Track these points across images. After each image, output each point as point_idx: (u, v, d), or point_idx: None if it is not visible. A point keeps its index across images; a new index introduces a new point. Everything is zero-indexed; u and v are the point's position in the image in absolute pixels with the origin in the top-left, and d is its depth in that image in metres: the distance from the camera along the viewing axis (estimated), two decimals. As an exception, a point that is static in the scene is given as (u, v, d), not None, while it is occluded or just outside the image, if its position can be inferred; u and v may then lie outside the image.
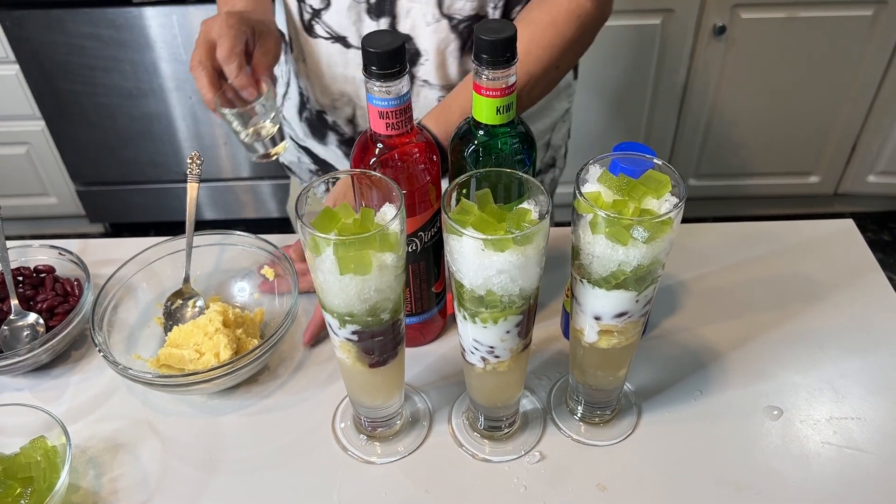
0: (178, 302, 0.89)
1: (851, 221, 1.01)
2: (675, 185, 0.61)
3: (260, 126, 0.87)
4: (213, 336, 0.81)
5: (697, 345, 0.86)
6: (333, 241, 0.57)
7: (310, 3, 0.95)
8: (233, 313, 0.85)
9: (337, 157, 1.09)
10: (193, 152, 0.93)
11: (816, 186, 2.33)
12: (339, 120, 1.04)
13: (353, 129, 1.04)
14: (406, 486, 0.73)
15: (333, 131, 1.06)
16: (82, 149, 2.18)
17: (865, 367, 0.83)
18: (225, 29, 0.83)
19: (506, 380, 0.71)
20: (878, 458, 0.74)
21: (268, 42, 0.89)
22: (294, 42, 1.02)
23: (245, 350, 0.82)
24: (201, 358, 0.80)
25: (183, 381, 0.75)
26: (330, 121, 1.05)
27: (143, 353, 0.84)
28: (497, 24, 0.65)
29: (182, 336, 0.83)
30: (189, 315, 0.88)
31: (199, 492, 0.73)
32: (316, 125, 1.07)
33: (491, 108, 0.67)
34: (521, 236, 0.57)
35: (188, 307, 0.89)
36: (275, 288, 0.90)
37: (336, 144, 1.07)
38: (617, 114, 2.13)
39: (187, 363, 0.81)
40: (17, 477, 0.69)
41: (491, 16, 0.92)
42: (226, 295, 0.92)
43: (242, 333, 0.84)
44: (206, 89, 0.83)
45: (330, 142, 1.08)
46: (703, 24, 1.95)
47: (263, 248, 0.90)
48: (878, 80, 2.07)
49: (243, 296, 0.91)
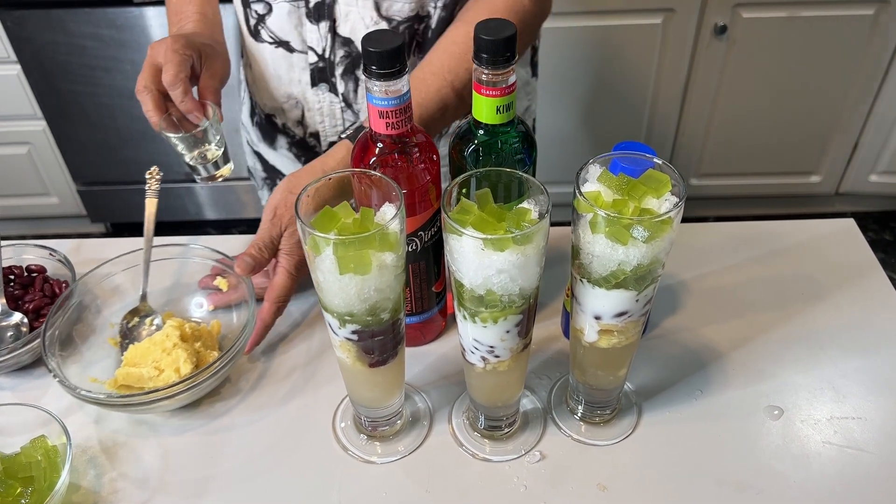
0: (135, 320, 0.87)
1: (853, 221, 1.01)
2: (675, 184, 0.61)
3: (205, 149, 0.88)
4: (171, 351, 0.79)
5: (698, 344, 0.86)
6: (333, 240, 0.57)
7: (255, 8, 0.96)
8: (189, 327, 0.84)
9: (286, 161, 1.10)
10: (153, 167, 0.92)
11: (817, 186, 2.33)
12: (289, 122, 1.05)
13: (303, 129, 1.04)
14: (406, 486, 0.73)
15: (283, 134, 1.07)
16: (83, 149, 2.18)
17: (866, 366, 0.82)
18: (170, 54, 0.84)
19: (506, 379, 0.71)
20: (878, 458, 0.74)
21: (215, 65, 0.90)
22: (244, 48, 1.04)
23: (205, 363, 0.80)
24: (161, 375, 0.79)
25: (145, 399, 0.73)
26: (279, 123, 1.06)
27: (99, 375, 0.81)
28: (496, 23, 0.65)
29: (139, 354, 0.81)
30: (146, 333, 0.86)
31: (199, 491, 0.73)
32: (266, 128, 1.08)
33: (491, 107, 0.67)
34: (521, 236, 0.57)
35: (145, 325, 0.87)
36: (230, 299, 0.88)
37: (286, 147, 1.08)
38: (617, 113, 2.13)
39: (147, 381, 0.79)
40: (18, 476, 0.69)
41: (433, 17, 0.92)
42: (180, 310, 0.90)
43: (201, 346, 0.82)
44: (152, 113, 0.85)
45: (280, 145, 1.08)
46: (704, 24, 1.95)
47: (219, 261, 0.88)
48: (880, 80, 2.06)
49: (200, 311, 0.90)
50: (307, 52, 0.96)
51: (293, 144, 1.07)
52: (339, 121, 1.01)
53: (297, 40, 0.96)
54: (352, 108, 0.99)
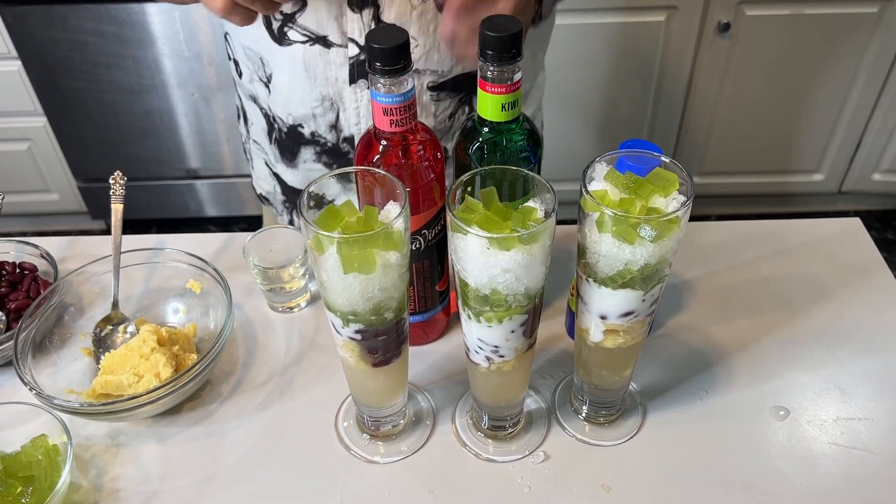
0: (108, 328, 0.85)
1: (858, 220, 1.00)
2: (683, 183, 0.60)
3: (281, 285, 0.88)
4: (149, 356, 0.78)
5: (703, 344, 0.85)
6: (337, 239, 0.57)
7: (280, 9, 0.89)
8: (166, 331, 0.82)
9: (310, 176, 1.04)
10: (116, 172, 0.89)
11: (821, 184, 2.33)
12: (320, 129, 0.99)
13: (336, 135, 0.99)
14: (409, 486, 0.72)
15: (312, 144, 1.01)
16: (84, 145, 2.17)
17: (873, 367, 0.82)
18: None
19: (510, 379, 0.70)
20: (885, 459, 0.73)
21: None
22: (256, 67, 0.97)
23: (185, 366, 0.79)
24: (141, 380, 0.77)
25: (129, 405, 0.72)
26: (307, 133, 1.00)
27: (75, 386, 0.79)
28: (502, 19, 0.64)
29: (116, 361, 0.79)
30: (120, 340, 0.85)
31: (202, 490, 0.72)
32: (286, 144, 1.03)
33: (496, 104, 0.66)
34: (527, 235, 0.56)
35: (118, 332, 0.85)
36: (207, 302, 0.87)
37: (313, 159, 1.02)
38: (620, 111, 2.13)
39: (126, 388, 0.77)
40: (18, 476, 0.68)
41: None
42: (153, 315, 0.88)
43: (179, 350, 0.81)
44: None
45: (304, 159, 1.03)
46: (707, 21, 1.94)
47: (192, 263, 0.86)
48: (884, 78, 2.06)
49: (177, 315, 0.88)
50: (347, 46, 0.90)
51: (323, 153, 1.01)
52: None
53: (335, 33, 0.90)
54: None
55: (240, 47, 0.98)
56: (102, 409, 0.71)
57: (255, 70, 0.98)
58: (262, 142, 1.07)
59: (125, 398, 0.72)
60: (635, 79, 2.05)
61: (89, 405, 0.72)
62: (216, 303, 0.85)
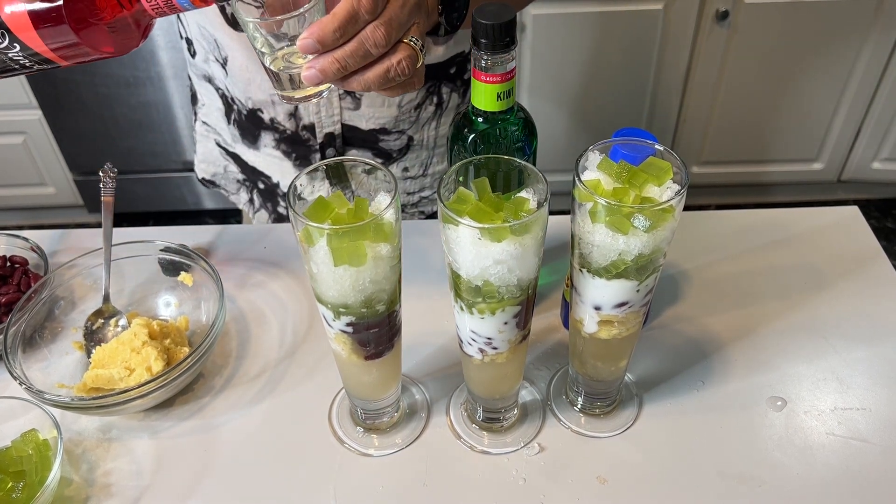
0: (100, 321, 0.84)
1: (857, 209, 1.00)
2: (677, 171, 0.59)
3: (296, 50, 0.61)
4: (140, 350, 0.77)
5: (699, 335, 0.84)
6: (327, 230, 0.56)
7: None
8: (157, 324, 0.82)
9: (270, 161, 1.04)
10: (106, 164, 0.88)
11: (820, 173, 2.32)
12: (279, 116, 0.98)
13: (295, 123, 0.98)
14: (403, 479, 0.72)
15: (271, 130, 1.00)
16: (80, 138, 2.16)
17: (870, 356, 0.81)
18: None
19: (504, 371, 0.69)
20: (883, 449, 0.73)
21: None
22: (212, 46, 0.96)
23: (176, 360, 0.78)
24: (132, 374, 0.76)
25: (120, 399, 0.71)
26: (266, 118, 0.99)
27: (66, 380, 0.79)
28: (496, 7, 0.63)
29: (107, 355, 0.78)
30: (111, 334, 0.84)
31: (194, 485, 0.72)
32: (247, 126, 1.02)
33: (491, 94, 0.65)
34: (519, 225, 0.55)
35: (110, 326, 0.84)
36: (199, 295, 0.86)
37: (272, 145, 1.02)
38: (618, 100, 2.12)
39: (118, 382, 0.76)
40: (9, 471, 0.68)
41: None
42: (145, 308, 0.87)
43: (171, 343, 0.81)
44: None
45: (264, 143, 1.02)
46: (705, 10, 1.93)
47: (181, 256, 0.86)
48: (883, 66, 2.04)
49: (169, 309, 0.87)
50: None
51: (282, 141, 1.01)
52: (336, 109, 0.97)
53: None
54: (352, 94, 0.96)
55: (195, 25, 0.97)
56: (93, 403, 0.71)
57: (211, 50, 0.97)
58: (217, 123, 1.07)
59: (116, 392, 0.71)
60: (633, 68, 2.04)
61: (80, 399, 0.71)
62: (208, 295, 0.84)
